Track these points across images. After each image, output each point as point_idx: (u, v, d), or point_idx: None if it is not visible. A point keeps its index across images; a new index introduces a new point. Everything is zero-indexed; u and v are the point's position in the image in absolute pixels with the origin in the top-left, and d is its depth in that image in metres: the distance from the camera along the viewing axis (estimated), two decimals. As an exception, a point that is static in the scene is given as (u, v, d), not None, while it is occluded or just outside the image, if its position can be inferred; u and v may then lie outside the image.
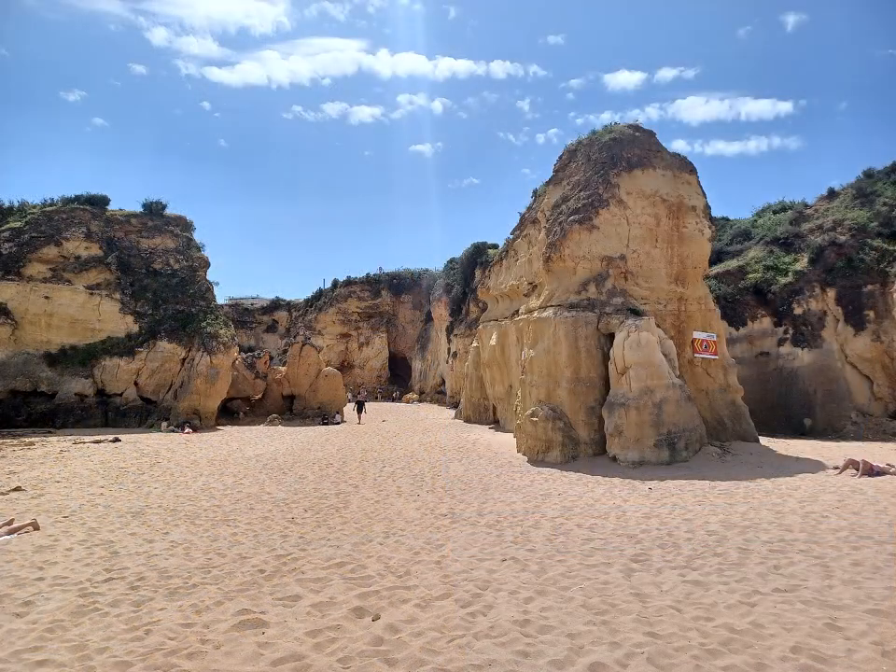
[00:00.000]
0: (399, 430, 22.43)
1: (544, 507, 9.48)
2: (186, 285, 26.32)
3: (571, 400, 13.88)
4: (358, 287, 50.40)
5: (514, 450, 15.88)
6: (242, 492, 10.88)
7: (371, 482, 11.93)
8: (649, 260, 15.61)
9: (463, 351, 32.73)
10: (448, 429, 22.49)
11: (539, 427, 13.92)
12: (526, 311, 18.41)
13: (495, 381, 22.88)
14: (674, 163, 16.29)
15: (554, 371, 14.31)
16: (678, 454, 12.61)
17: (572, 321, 14.24)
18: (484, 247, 33.98)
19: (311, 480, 12.14)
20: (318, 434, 21.37)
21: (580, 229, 15.01)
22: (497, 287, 23.30)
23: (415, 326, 49.04)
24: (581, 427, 13.76)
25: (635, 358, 13.04)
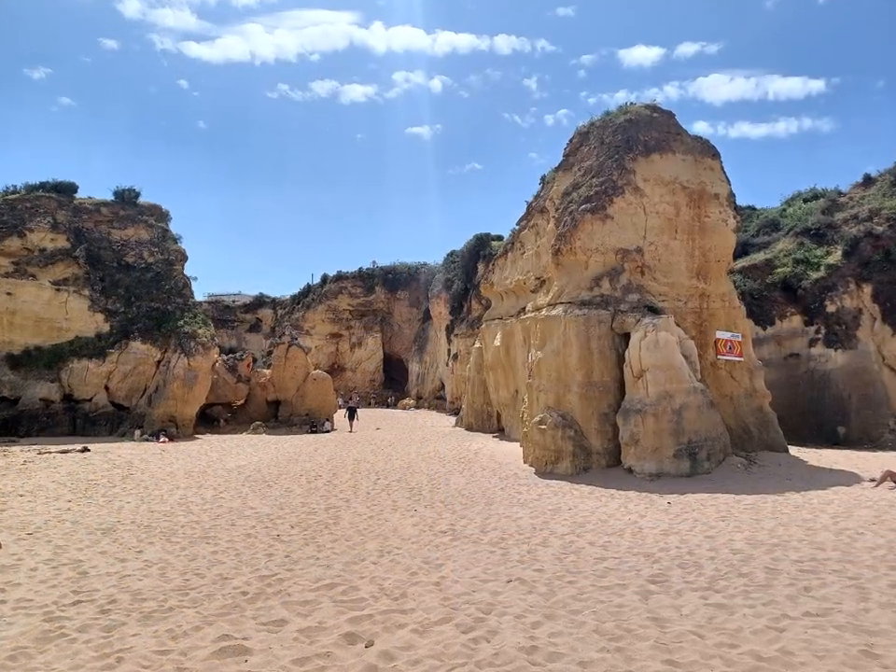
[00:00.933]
0: (394, 439, 22.44)
1: (553, 523, 9.48)
2: (161, 280, 26.33)
3: (583, 406, 13.87)
4: (350, 282, 50.41)
5: (520, 461, 15.89)
6: (222, 507, 10.88)
7: (364, 495, 11.94)
8: (668, 253, 15.61)
9: (464, 352, 32.74)
10: (448, 438, 22.50)
11: (548, 435, 13.91)
12: (534, 308, 18.40)
13: (499, 385, 22.89)
14: (695, 147, 16.29)
15: (564, 375, 14.31)
16: (699, 465, 12.62)
17: (584, 320, 14.24)
18: (488, 239, 34.02)
19: (298, 493, 12.15)
20: (306, 443, 21.37)
21: (592, 218, 15.01)
22: (502, 282, 23.32)
23: (412, 325, 49.05)
24: (594, 436, 13.76)
25: (652, 360, 13.04)
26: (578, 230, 15.02)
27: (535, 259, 19.97)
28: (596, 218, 15.02)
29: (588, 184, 15.77)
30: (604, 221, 15.06)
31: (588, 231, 15.02)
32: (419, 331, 47.71)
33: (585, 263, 15.15)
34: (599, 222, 15.04)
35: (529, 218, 21.33)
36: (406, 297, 49.25)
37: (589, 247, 15.01)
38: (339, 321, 49.83)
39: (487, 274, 25.95)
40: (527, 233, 21.25)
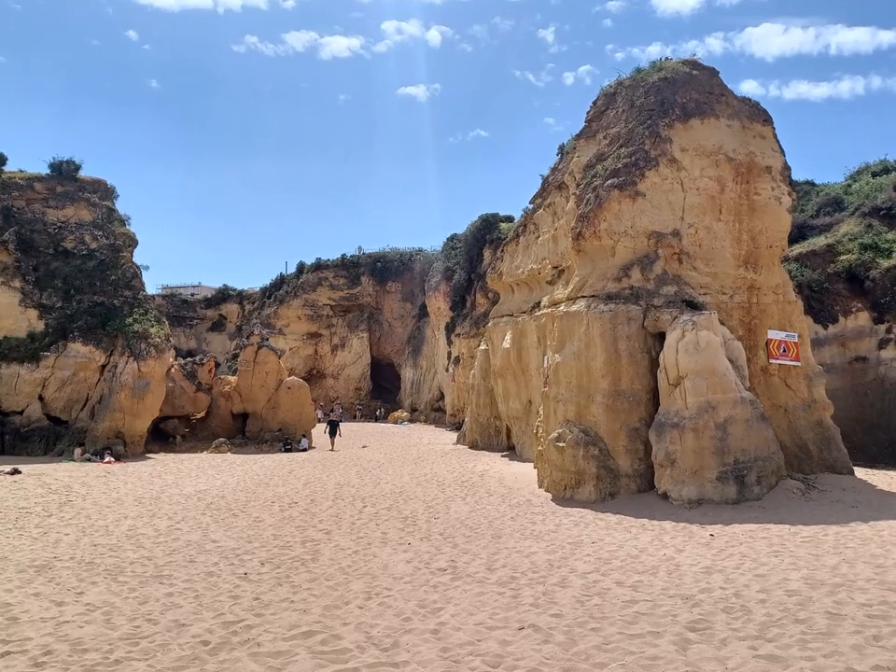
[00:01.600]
0: (384, 459, 22.51)
1: (574, 559, 9.50)
2: (106, 269, 26.38)
3: (609, 420, 13.91)
4: (332, 272, 50.56)
5: (534, 485, 15.95)
6: (179, 539, 10.91)
7: (348, 526, 11.97)
8: (710, 237, 15.64)
9: (468, 356, 32.85)
10: (448, 458, 22.55)
11: (567, 454, 13.94)
12: (550, 303, 18.44)
13: (509, 394, 22.94)
14: (743, 111, 16.31)
15: (587, 382, 14.34)
16: (747, 490, 12.64)
17: (610, 317, 14.28)
18: (496, 221, 34.15)
19: (269, 524, 12.19)
20: (279, 464, 21.44)
21: (620, 196, 15.05)
22: (513, 272, 23.37)
23: (405, 323, 49.16)
24: (622, 455, 13.79)
25: (692, 365, 13.06)
26: (603, 209, 15.05)
27: (552, 245, 20.01)
28: (625, 196, 15.04)
29: (615, 155, 15.80)
30: (634, 199, 15.09)
31: (615, 210, 15.05)
32: (414, 331, 47.82)
33: (612, 249, 15.17)
34: (629, 200, 15.07)
35: (545, 196, 21.36)
36: (398, 289, 49.35)
37: (616, 230, 15.04)
38: (318, 318, 49.93)
39: (495, 263, 25.99)
40: (543, 214, 21.28)
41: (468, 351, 33.07)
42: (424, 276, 44.85)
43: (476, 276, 34.38)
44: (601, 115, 17.70)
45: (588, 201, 15.49)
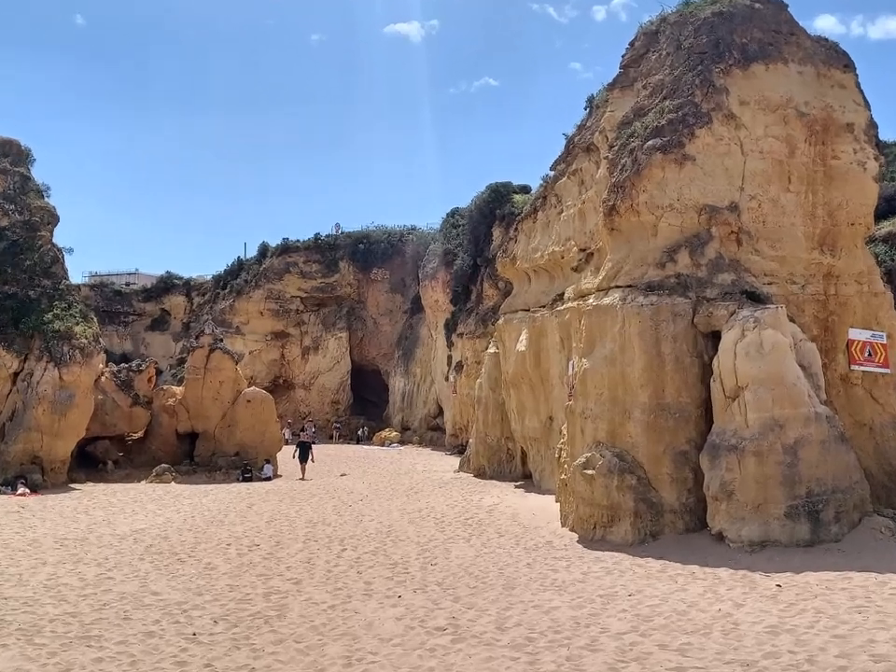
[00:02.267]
0: (368, 491, 22.54)
1: (606, 616, 9.52)
2: (19, 252, 26.38)
3: (649, 441, 13.91)
4: (302, 256, 50.57)
5: (556, 522, 15.96)
6: (111, 591, 10.91)
7: (323, 574, 11.97)
8: (776, 212, 15.66)
9: (472, 361, 32.85)
10: (449, 488, 22.57)
11: (598, 484, 13.94)
12: (576, 295, 18.41)
13: (524, 409, 22.96)
14: (817, 54, 16.32)
15: (622, 394, 14.35)
16: (823, 529, 12.65)
17: (651, 312, 14.29)
18: (508, 192, 34.15)
19: (224, 572, 12.19)
20: (236, 497, 21.47)
21: (663, 161, 15.06)
22: (529, 255, 23.39)
23: (395, 320, 49.18)
24: (666, 486, 13.79)
25: (754, 372, 13.07)
26: (642, 177, 15.05)
27: (578, 222, 20.03)
28: (670, 160, 15.05)
29: (658, 109, 15.81)
30: (681, 165, 15.10)
31: (658, 178, 15.05)
32: (405, 330, 47.78)
33: (653, 227, 15.18)
34: (674, 166, 15.08)
35: (570, 161, 21.37)
36: (386, 278, 49.38)
37: (659, 203, 15.05)
38: (285, 314, 49.95)
39: (507, 244, 25.98)
40: (567, 183, 21.29)
41: (473, 355, 33.03)
42: (418, 261, 44.81)
43: (483, 261, 34.38)
44: (640, 59, 17.68)
45: (624, 167, 15.48)
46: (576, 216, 20.17)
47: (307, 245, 51.01)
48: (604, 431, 14.40)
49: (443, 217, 43.67)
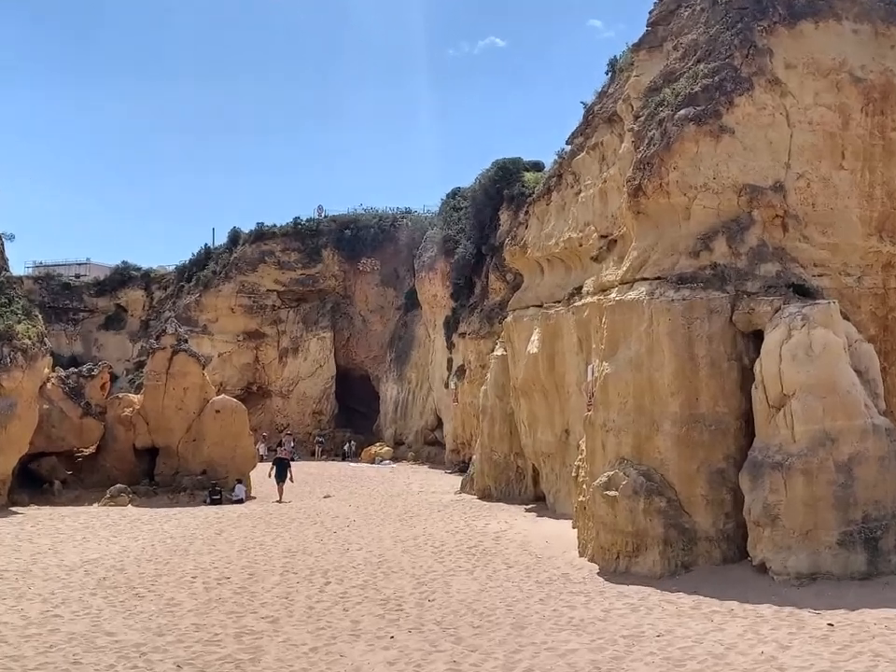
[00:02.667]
0: (356, 515, 22.52)
1: (631, 660, 9.47)
2: (-47, 239, 26.25)
3: (681, 458, 13.89)
4: (280, 243, 50.54)
5: (573, 551, 15.93)
6: (59, 631, 10.85)
7: (304, 612, 11.93)
8: (828, 193, 15.61)
9: (477, 365, 32.79)
10: (449, 512, 22.56)
11: (621, 508, 13.92)
12: (597, 288, 18.34)
13: (536, 421, 22.95)
14: (875, 10, 16.26)
15: (649, 403, 14.33)
16: (882, 559, 12.61)
17: (683, 308, 14.26)
18: (517, 169, 34.13)
19: (189, 608, 12.14)
20: (204, 522, 21.43)
21: (697, 133, 15.03)
22: (542, 243, 23.38)
23: (386, 317, 49.14)
24: (700, 509, 13.76)
25: (802, 378, 13.03)
26: (673, 152, 15.03)
27: (598, 204, 20.01)
28: (705, 133, 15.02)
29: (691, 74, 15.78)
30: (718, 138, 15.07)
31: (691, 154, 15.03)
32: (398, 328, 47.72)
33: (686, 210, 15.15)
34: (710, 139, 15.05)
35: (589, 133, 21.37)
36: (376, 269, 49.35)
37: (692, 183, 15.02)
38: (260, 310, 49.91)
39: (516, 230, 25.92)
40: (586, 159, 21.29)
41: (476, 358, 32.97)
42: (413, 250, 44.82)
43: (489, 249, 34.34)
44: (670, 16, 17.64)
45: (651, 140, 15.45)
46: (596, 197, 20.14)
47: (285, 230, 50.95)
48: (628, 446, 14.38)
49: (443, 198, 43.71)
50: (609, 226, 19.18)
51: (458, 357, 35.90)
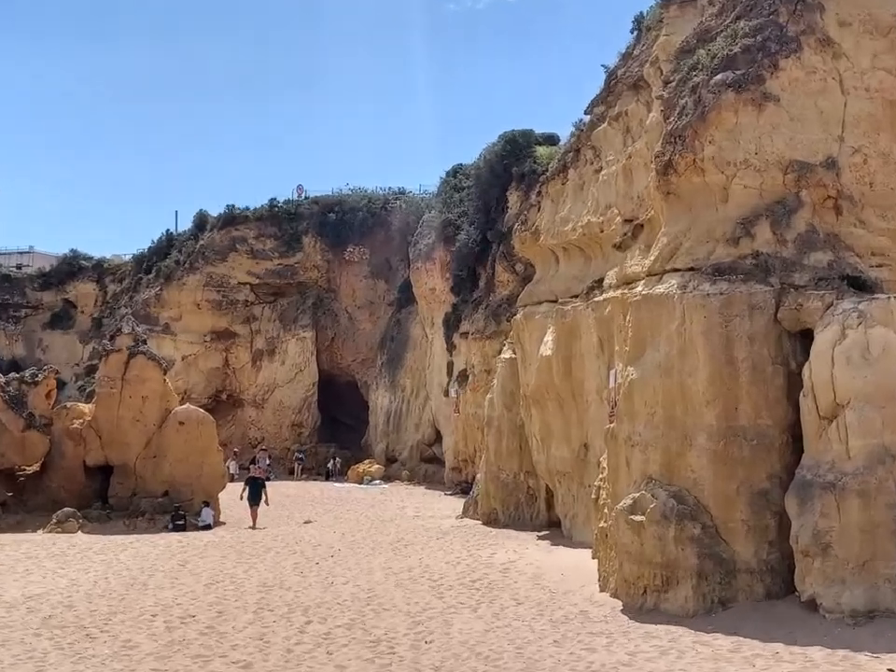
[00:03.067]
0: (341, 543, 22.54)
1: (661, 713, 9.41)
2: None
3: (718, 477, 13.86)
4: (253, 229, 50.66)
5: (593, 585, 15.92)
6: (-5, 679, 10.83)
7: (281, 655, 11.90)
8: (888, 171, 15.53)
9: (481, 369, 32.78)
10: (450, 540, 22.57)
11: (649, 535, 13.89)
12: (621, 281, 18.25)
13: (550, 434, 22.94)
14: (942, -42, 16.18)
15: (681, 414, 14.31)
16: (952, 594, 12.53)
17: (720, 304, 14.22)
18: (528, 143, 34.19)
19: (148, 651, 12.08)
20: (166, 551, 21.42)
21: (737, 101, 14.98)
22: (557, 228, 23.34)
23: (376, 314, 49.17)
24: (740, 537, 13.74)
25: (858, 384, 12.96)
26: (709, 124, 14.98)
27: (623, 183, 19.99)
28: (746, 101, 14.97)
29: (729, 32, 15.73)
30: (761, 107, 15.02)
31: (729, 125, 14.98)
32: (390, 328, 47.74)
33: (723, 191, 15.11)
34: (751, 109, 15.00)
35: (612, 101, 21.37)
36: (364, 258, 49.41)
37: (731, 159, 14.97)
38: (230, 306, 49.95)
39: (528, 213, 25.88)
40: (608, 131, 21.27)
41: (481, 362, 32.94)
42: (408, 236, 44.83)
43: (496, 236, 34.30)
44: (705, -35, 17.61)
45: (684, 109, 15.39)
46: (620, 174, 20.11)
47: (259, 214, 51.03)
48: (657, 463, 14.34)
49: (442, 177, 43.73)
50: (635, 208, 19.14)
51: (460, 361, 35.89)
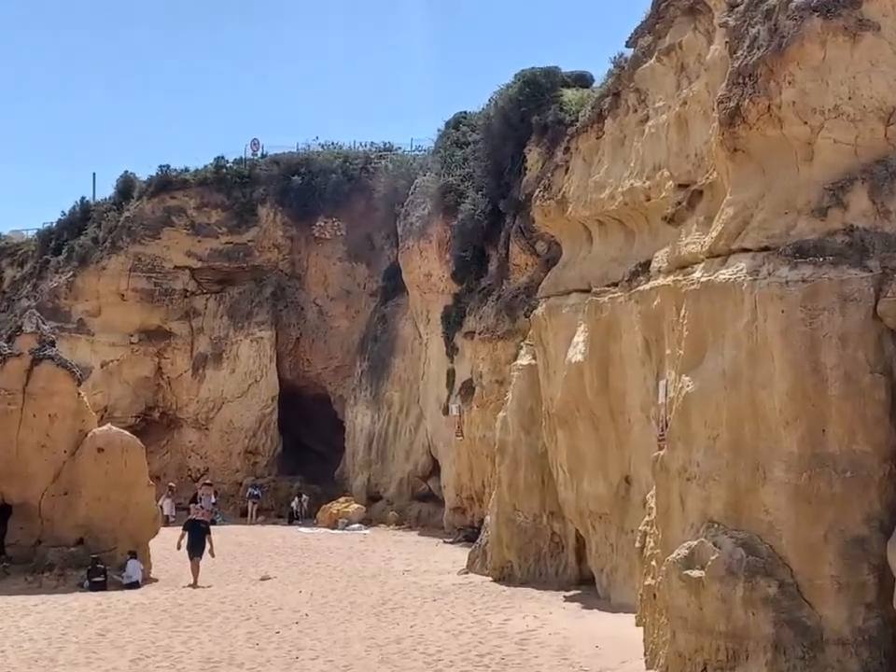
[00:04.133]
0: (309, 606, 22.52)
1: None
2: None
3: (801, 520, 13.82)
4: (194, 196, 50.68)
5: (638, 661, 15.92)
6: None
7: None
8: None
9: (491, 380, 32.81)
10: (450, 601, 22.59)
11: (711, 595, 13.91)
12: (673, 264, 18.24)
13: (582, 464, 22.95)
14: None
15: (752, 438, 14.31)
16: None
17: (802, 294, 14.17)
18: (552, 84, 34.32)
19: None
20: (80, 616, 21.42)
21: (825, 31, 14.96)
22: (590, 196, 23.31)
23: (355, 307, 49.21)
24: (829, 597, 13.69)
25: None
26: (788, 60, 14.96)
27: (676, 137, 20.01)
28: (837, 30, 14.95)
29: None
30: (856, 38, 15.00)
31: (815, 62, 14.97)
32: (373, 325, 47.69)
33: (807, 147, 15.10)
34: (844, 40, 14.98)
35: (662, 30, 21.37)
36: (339, 234, 49.50)
37: (817, 105, 14.96)
38: (164, 298, 49.88)
39: (552, 176, 25.82)
40: (656, 70, 21.29)
41: (491, 369, 32.91)
42: (396, 206, 44.75)
43: (510, 205, 34.30)
44: None
45: (756, 41, 15.40)
46: (672, 126, 20.12)
47: (202, 177, 51.00)
48: (720, 502, 14.31)
49: (440, 129, 43.75)
50: (692, 170, 19.15)
51: (464, 368, 35.86)
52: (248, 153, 53.11)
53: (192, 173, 51.06)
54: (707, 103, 17.48)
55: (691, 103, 19.27)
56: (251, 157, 52.55)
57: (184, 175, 50.94)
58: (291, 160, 51.13)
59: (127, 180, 52.27)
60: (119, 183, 52.62)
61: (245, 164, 51.56)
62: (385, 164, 49.20)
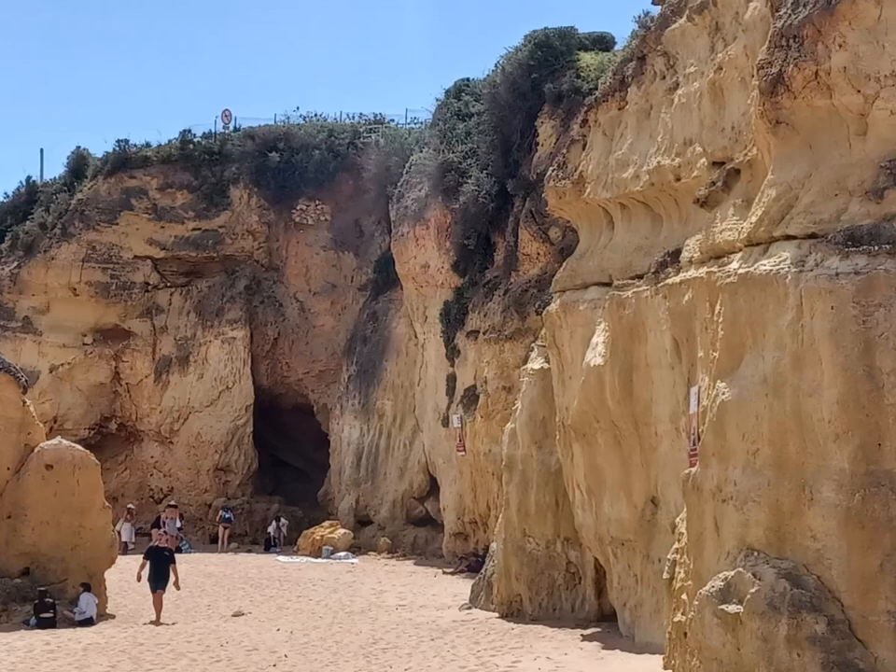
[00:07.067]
0: (288, 646, 22.50)
1: None
2: None
3: (853, 547, 13.80)
4: (156, 175, 50.80)
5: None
6: None
7: None
8: None
9: (498, 386, 32.86)
10: (451, 641, 22.64)
11: (749, 633, 13.93)
12: (706, 253, 18.29)
13: (601, 483, 23.01)
14: None
15: (797, 452, 14.32)
16: None
17: (855, 289, 14.16)
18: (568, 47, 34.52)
19: None
20: (25, 658, 21.48)
21: (879, -14, 15.01)
22: (612, 175, 23.35)
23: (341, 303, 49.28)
24: (885, 635, 13.60)
25: None
26: (838, 18, 14.95)
27: (710, 108, 20.02)
28: (894, -16, 14.98)
29: None
30: (913, -4, 15.03)
31: (868, 22, 14.93)
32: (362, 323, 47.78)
33: (859, 119, 15.10)
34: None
35: (693, -13, 21.31)
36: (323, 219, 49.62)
37: (871, 71, 14.95)
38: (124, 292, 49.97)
39: (567, 152, 25.88)
40: (687, 31, 21.30)
41: (498, 374, 32.96)
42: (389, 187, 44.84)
43: (519, 186, 34.40)
44: None
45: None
46: (705, 95, 20.14)
47: (166, 154, 51.11)
48: (761, 527, 14.34)
49: (439, 98, 43.74)
50: (728, 146, 19.19)
51: (466, 374, 35.93)
52: (219, 126, 53.20)
53: (154, 149, 51.06)
54: (746, 68, 17.49)
55: (727, 68, 19.25)
56: (222, 130, 52.55)
57: (145, 152, 50.90)
58: (268, 133, 51.11)
59: (79, 157, 52.26)
60: (70, 160, 52.61)
61: (216, 139, 51.55)
62: (375, 139, 49.25)
